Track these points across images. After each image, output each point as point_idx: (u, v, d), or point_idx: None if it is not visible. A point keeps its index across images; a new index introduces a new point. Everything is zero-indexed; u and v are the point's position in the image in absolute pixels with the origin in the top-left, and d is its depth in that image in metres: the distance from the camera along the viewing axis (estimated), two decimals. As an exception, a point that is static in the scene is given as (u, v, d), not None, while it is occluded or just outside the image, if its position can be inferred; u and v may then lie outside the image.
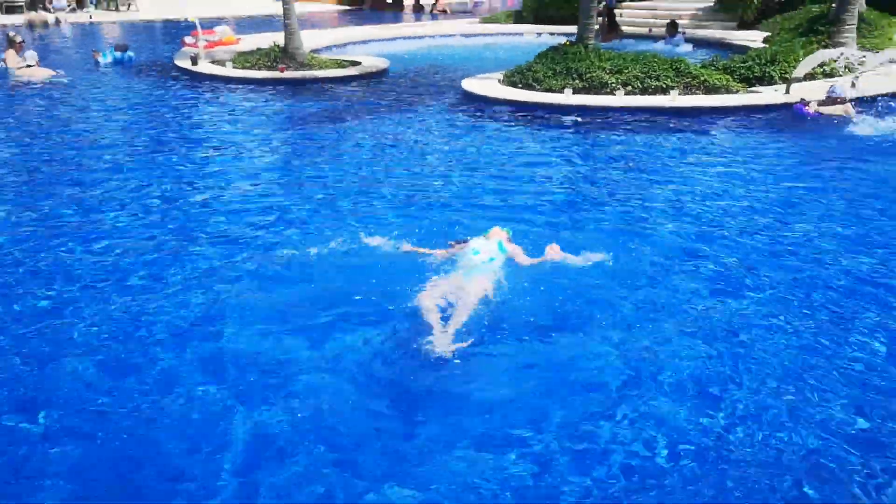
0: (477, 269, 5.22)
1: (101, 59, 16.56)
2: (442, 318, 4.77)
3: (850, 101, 10.99)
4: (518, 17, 24.44)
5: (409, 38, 21.76)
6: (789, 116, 11.03)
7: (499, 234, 5.71)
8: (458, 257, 5.45)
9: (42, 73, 14.52)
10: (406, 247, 5.79)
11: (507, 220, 6.54)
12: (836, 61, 12.99)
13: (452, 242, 5.76)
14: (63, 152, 9.38)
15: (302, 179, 8.30)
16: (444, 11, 33.31)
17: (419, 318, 4.83)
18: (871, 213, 7.09)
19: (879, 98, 11.42)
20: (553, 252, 5.47)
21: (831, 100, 10.99)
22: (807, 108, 11.01)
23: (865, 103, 11.12)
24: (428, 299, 4.92)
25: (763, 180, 8.13)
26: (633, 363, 4.52)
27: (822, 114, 10.83)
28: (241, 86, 14.13)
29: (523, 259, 5.52)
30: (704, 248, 6.22)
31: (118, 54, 16.78)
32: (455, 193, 7.72)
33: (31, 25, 24.49)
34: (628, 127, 10.73)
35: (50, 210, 7.22)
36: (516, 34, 22.44)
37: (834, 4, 15.11)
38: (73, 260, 6.05)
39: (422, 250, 5.69)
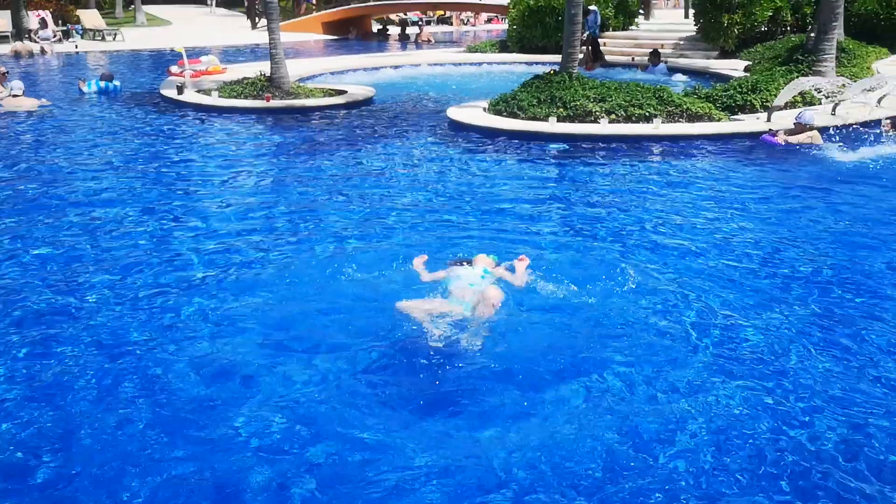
0: (461, 295, 5.20)
1: (85, 89, 16.55)
2: (425, 339, 4.77)
3: (818, 128, 11.09)
4: (503, 47, 24.70)
5: (395, 66, 21.93)
6: (765, 146, 11.11)
7: (484, 261, 5.70)
8: (444, 282, 5.43)
9: (28, 103, 14.50)
10: (418, 262, 5.79)
11: (491, 244, 6.56)
12: (816, 89, 13.16)
13: (450, 262, 5.78)
14: (47, 180, 9.31)
15: (288, 206, 8.26)
16: (429, 41, 33.68)
17: (403, 337, 4.85)
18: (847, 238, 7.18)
19: (857, 126, 11.57)
20: (522, 264, 5.61)
21: (799, 127, 11.08)
22: (775, 137, 11.10)
23: (843, 131, 11.24)
24: (413, 312, 4.99)
25: (744, 207, 8.19)
26: (612, 393, 4.51)
27: (790, 143, 10.92)
28: (226, 115, 14.13)
29: (510, 277, 5.55)
30: (687, 273, 6.25)
31: (104, 84, 16.80)
32: (439, 220, 7.72)
33: (16, 55, 24.49)
34: (612, 155, 10.80)
35: (36, 235, 7.16)
36: (501, 63, 22.68)
37: (813, 34, 15.37)
38: (54, 281, 6.00)
39: (426, 273, 5.68)
